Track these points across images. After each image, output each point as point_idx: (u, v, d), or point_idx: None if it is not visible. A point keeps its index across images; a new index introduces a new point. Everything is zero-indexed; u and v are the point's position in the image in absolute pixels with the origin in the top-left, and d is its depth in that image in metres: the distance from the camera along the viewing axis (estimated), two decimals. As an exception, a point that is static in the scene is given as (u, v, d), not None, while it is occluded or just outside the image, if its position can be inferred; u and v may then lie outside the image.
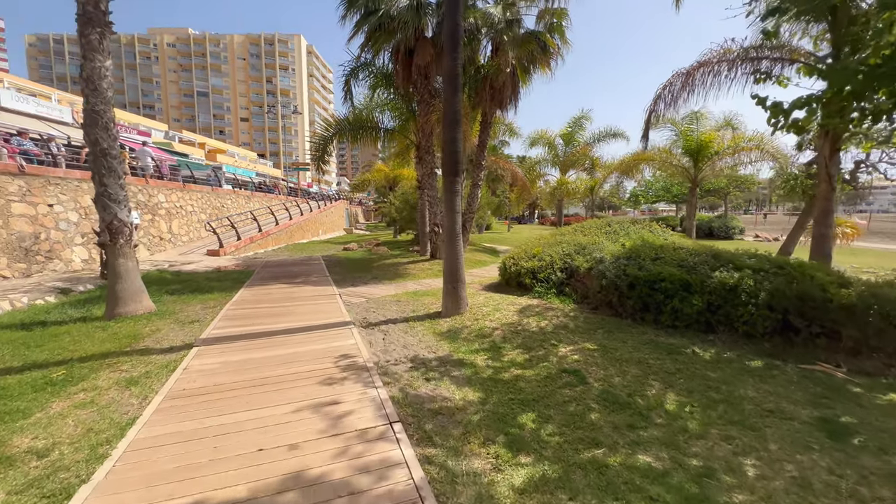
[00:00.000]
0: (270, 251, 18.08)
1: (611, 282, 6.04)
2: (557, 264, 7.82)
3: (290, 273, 11.32)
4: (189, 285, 9.48)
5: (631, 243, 7.35)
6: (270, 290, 8.93)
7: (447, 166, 6.42)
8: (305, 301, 7.72)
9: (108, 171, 6.39)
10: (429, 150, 13.08)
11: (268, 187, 30.46)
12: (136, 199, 13.92)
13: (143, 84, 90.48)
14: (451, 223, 6.50)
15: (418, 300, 7.77)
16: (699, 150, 11.79)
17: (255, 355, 4.83)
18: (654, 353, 4.76)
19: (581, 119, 19.27)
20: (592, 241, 8.67)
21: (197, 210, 17.77)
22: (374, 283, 10.17)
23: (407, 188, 20.42)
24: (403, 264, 13.00)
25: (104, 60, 6.31)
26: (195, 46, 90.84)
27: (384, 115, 14.86)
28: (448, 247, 6.54)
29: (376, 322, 6.36)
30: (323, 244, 22.10)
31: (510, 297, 7.52)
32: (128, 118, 41.95)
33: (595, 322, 5.91)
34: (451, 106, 6.33)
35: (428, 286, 9.64)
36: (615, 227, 9.71)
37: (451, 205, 6.46)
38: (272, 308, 7.15)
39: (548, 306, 6.76)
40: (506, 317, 6.29)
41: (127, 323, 6.23)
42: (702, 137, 11.74)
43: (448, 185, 6.44)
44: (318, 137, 13.72)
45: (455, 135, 6.35)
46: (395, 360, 4.74)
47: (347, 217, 39.97)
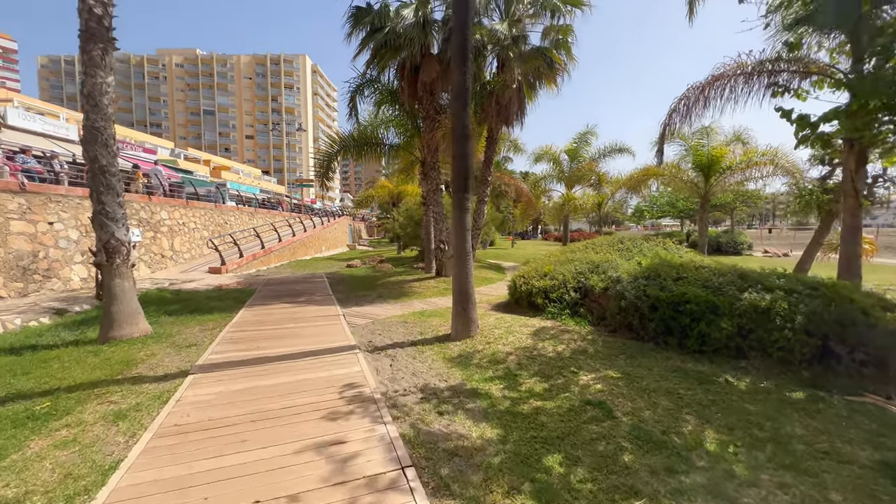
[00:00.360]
0: (273, 268, 17.85)
1: (631, 303, 5.72)
2: (570, 283, 7.50)
3: (293, 292, 11.03)
4: (188, 305, 9.20)
5: (648, 262, 7.04)
6: (272, 310, 8.63)
7: (456, 182, 6.18)
8: (308, 322, 7.41)
9: (107, 189, 6.18)
10: (434, 167, 12.91)
11: (271, 203, 30.43)
12: (138, 216, 13.78)
13: (151, 103, 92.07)
14: (461, 241, 6.22)
15: (426, 321, 7.45)
16: (710, 164, 11.56)
17: (253, 384, 4.50)
18: (684, 382, 4.40)
19: (586, 134, 19.16)
20: (605, 259, 8.36)
21: (200, 227, 17.61)
22: (379, 302, 9.86)
23: (411, 204, 20.26)
24: (408, 282, 12.70)
25: (106, 76, 6.17)
26: (203, 66, 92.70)
27: (388, 131, 14.79)
28: (458, 266, 6.25)
29: (383, 346, 6.03)
30: (326, 261, 21.86)
31: (522, 319, 7.18)
32: (134, 136, 42.42)
33: (615, 346, 5.57)
34: (460, 120, 6.12)
35: (435, 305, 9.32)
36: (627, 245, 9.42)
37: (460, 222, 6.20)
38: (273, 330, 6.83)
39: (563, 328, 6.41)
40: (519, 340, 5.95)
41: (121, 347, 5.93)
42: (713, 152, 11.51)
43: (457, 202, 6.19)
44: (322, 154, 13.60)
45: (465, 150, 6.13)
46: (404, 390, 4.41)
47: (351, 233, 39.88)
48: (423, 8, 10.90)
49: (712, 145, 11.71)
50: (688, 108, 7.04)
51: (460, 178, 6.17)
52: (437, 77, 11.55)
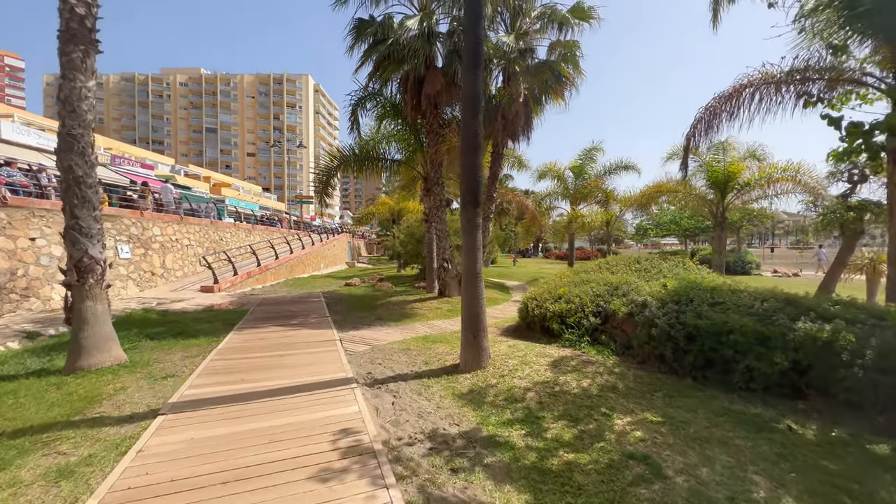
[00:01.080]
0: (269, 286, 17.20)
1: (663, 332, 5.09)
2: (589, 307, 6.87)
3: (287, 313, 10.36)
4: (174, 328, 8.54)
5: (674, 284, 6.44)
6: (263, 334, 7.96)
7: (466, 197, 5.63)
8: (300, 349, 6.74)
9: (82, 202, 5.62)
10: (437, 182, 12.43)
11: (270, 220, 29.93)
12: (128, 232, 13.21)
13: (154, 121, 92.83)
14: (472, 262, 5.63)
15: (430, 349, 6.78)
16: (726, 181, 11.08)
17: (232, 429, 3.83)
18: (739, 429, 3.74)
19: (592, 151, 18.79)
20: (623, 280, 7.75)
21: (194, 244, 17.02)
22: (379, 325, 9.19)
23: (412, 221, 19.75)
24: (410, 303, 12.05)
25: (86, 81, 5.68)
26: (206, 85, 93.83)
27: (390, 146, 14.36)
28: (467, 289, 5.63)
29: (383, 378, 5.36)
30: (324, 279, 21.21)
31: (537, 347, 6.53)
32: (135, 152, 42.27)
33: (647, 382, 4.91)
34: (470, 130, 5.61)
35: (439, 329, 8.66)
36: (645, 265, 8.82)
37: (471, 241, 5.62)
38: (261, 359, 6.16)
39: (585, 359, 5.76)
40: (537, 373, 5.29)
41: (88, 379, 5.25)
42: (729, 168, 11.05)
43: (467, 219, 5.62)
44: (322, 169, 13.13)
45: (475, 162, 5.60)
46: (409, 438, 3.74)
47: (350, 250, 39.32)
48: (428, 20, 10.58)
49: (728, 161, 11.27)
50: (713, 118, 6.55)
51: (470, 193, 5.62)
52: (442, 90, 11.16)
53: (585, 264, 10.08)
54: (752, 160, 11.65)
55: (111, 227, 12.46)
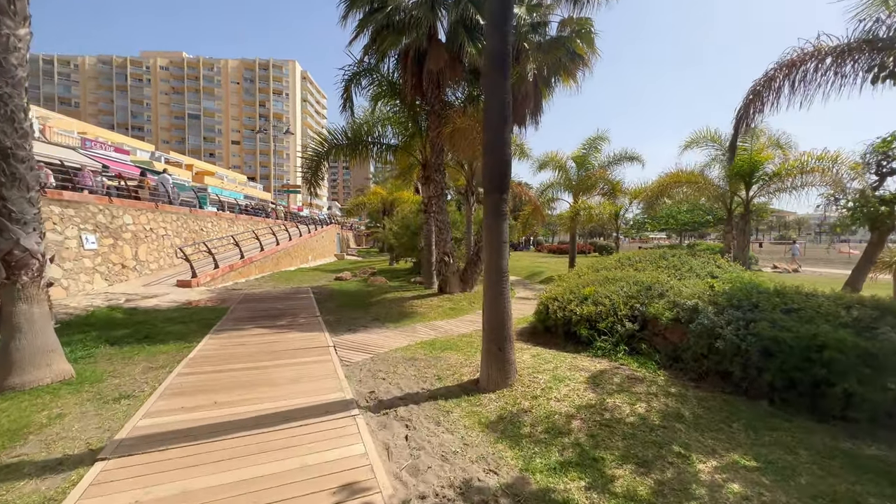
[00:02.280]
0: (253, 280, 16.04)
1: (731, 345, 4.22)
2: (622, 311, 5.99)
3: (272, 312, 9.30)
4: (141, 329, 7.44)
5: (726, 285, 5.59)
6: (244, 338, 6.92)
7: (492, 181, 4.65)
8: (288, 359, 5.72)
9: (11, 180, 4.48)
10: (438, 169, 11.40)
11: (255, 210, 28.53)
12: (94, 220, 11.91)
13: (134, 106, 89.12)
14: (496, 257, 4.67)
15: (440, 358, 5.83)
16: (752, 170, 10.29)
17: (195, 483, 2.84)
18: (866, 481, 2.88)
19: (596, 140, 17.89)
20: (654, 279, 6.90)
21: (171, 234, 15.72)
22: (377, 327, 8.22)
23: (407, 212, 18.70)
24: (408, 300, 11.08)
25: (16, 28, 4.52)
26: (188, 70, 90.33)
27: (385, 130, 13.26)
28: (492, 291, 4.68)
29: (390, 400, 4.40)
30: (312, 272, 20.09)
31: (566, 357, 5.62)
32: (112, 137, 40.08)
33: (716, 407, 4.03)
34: (497, 97, 4.62)
35: (444, 332, 7.72)
36: (673, 261, 7.98)
37: (495, 232, 4.65)
38: (241, 372, 5.14)
39: (629, 374, 4.86)
40: (576, 392, 4.39)
41: (17, 403, 4.18)
42: (755, 157, 10.24)
43: (492, 206, 4.65)
44: (311, 155, 11.99)
45: (502, 137, 4.62)
46: (435, 497, 2.79)
47: (339, 242, 38.06)
48: (432, -15, 9.50)
49: (756, 148, 10.46)
50: (772, 92, 5.66)
51: (496, 175, 4.64)
52: (445, 66, 10.10)
53: (604, 260, 9.20)
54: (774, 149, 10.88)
55: (75, 215, 11.17)
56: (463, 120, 9.98)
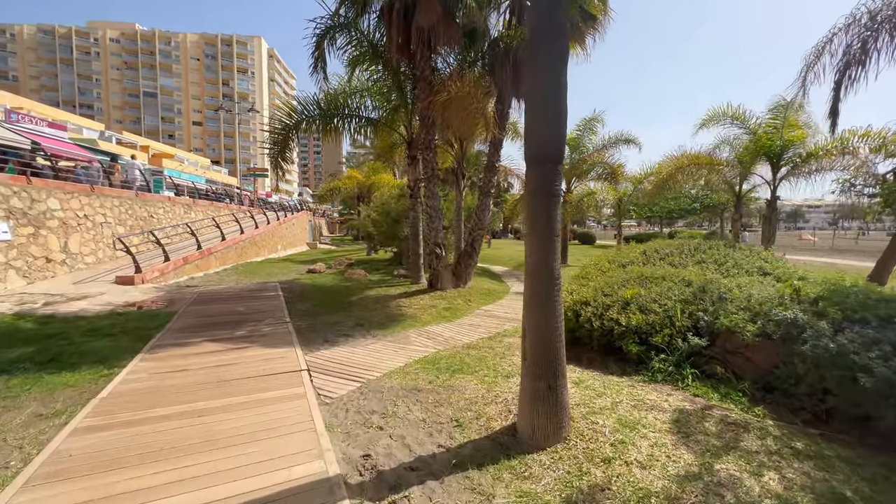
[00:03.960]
0: (213, 274, 14.10)
1: (885, 381, 2.98)
2: (680, 320, 4.73)
3: (230, 316, 7.63)
4: (49, 347, 5.68)
5: (815, 287, 4.40)
6: (187, 358, 5.28)
7: (543, 147, 3.21)
8: (244, 394, 4.16)
9: None
10: (429, 146, 9.83)
11: (217, 195, 26.06)
12: (7, 204, 9.75)
13: (81, 81, 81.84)
14: (546, 255, 3.24)
15: (451, 387, 4.41)
16: (782, 151, 9.25)
17: None
18: None
19: (592, 121, 16.66)
20: (703, 278, 5.69)
21: (112, 221, 13.51)
22: (361, 335, 6.71)
23: (387, 197, 17.02)
24: (394, 298, 9.58)
25: None
26: (143, 43, 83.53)
27: (364, 103, 11.51)
28: (539, 306, 3.27)
29: (394, 472, 2.95)
30: (282, 263, 18.21)
31: (618, 383, 4.32)
32: (54, 114, 35.86)
33: (881, 476, 2.80)
34: (550, 27, 3.14)
35: (446, 342, 6.31)
36: (713, 255, 6.81)
37: (545, 219, 3.22)
38: (171, 424, 3.55)
39: (723, 416, 3.57)
40: (663, 451, 3.07)
41: None
42: (787, 136, 9.20)
43: (542, 182, 3.21)
44: (279, 127, 10.16)
45: (559, 81, 3.16)
46: None
47: (311, 230, 35.81)
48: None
49: (788, 126, 9.38)
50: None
51: (551, 140, 3.20)
52: (438, 22, 8.46)
53: (626, 252, 7.96)
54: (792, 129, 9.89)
55: (-23, 198, 9.02)
56: (460, 86, 8.44)
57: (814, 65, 5.92)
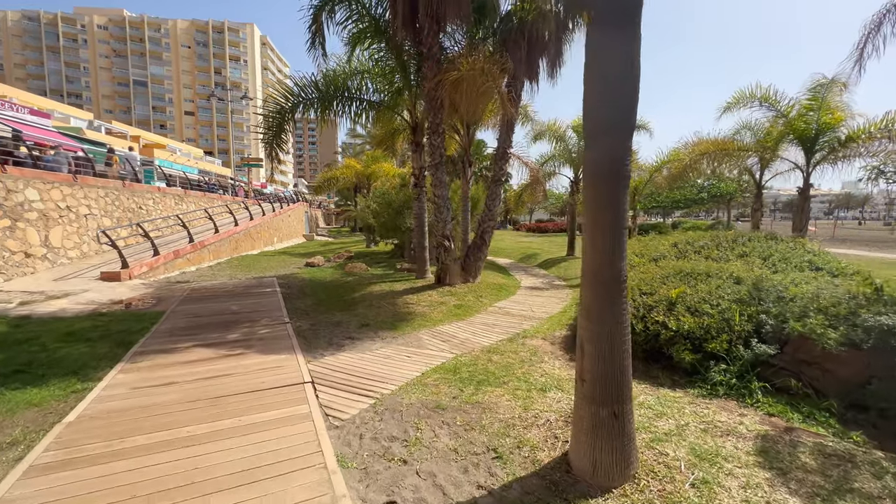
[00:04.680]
0: (206, 268, 13.40)
1: None
2: (738, 324, 4.14)
3: (224, 316, 6.99)
4: (20, 354, 5.04)
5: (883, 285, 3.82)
6: (174, 368, 4.64)
7: (611, 112, 2.57)
8: (237, 415, 3.54)
9: None
10: (436, 131, 9.12)
11: (210, 185, 25.22)
12: (-21, 195, 9.01)
13: (69, 69, 79.66)
14: (611, 253, 2.62)
15: (480, 404, 3.80)
16: (818, 136, 8.59)
17: None
18: None
19: (601, 107, 15.97)
20: (752, 274, 5.10)
21: (98, 213, 12.76)
22: (368, 338, 6.10)
23: (388, 187, 16.30)
24: (399, 294, 8.96)
25: None
26: (131, 30, 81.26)
27: (364, 84, 10.74)
28: (602, 314, 2.65)
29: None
30: (279, 256, 17.52)
31: (677, 399, 3.73)
32: (38, 102, 34.57)
33: None
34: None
35: (463, 345, 5.70)
36: (755, 247, 6.22)
37: (612, 207, 2.59)
38: (149, 460, 2.93)
39: (820, 445, 2.97)
40: (761, 496, 2.48)
41: None
42: (824, 119, 8.52)
43: (607, 161, 2.58)
44: (273, 109, 9.42)
45: (634, 16, 2.51)
46: None
47: (307, 222, 35.01)
48: None
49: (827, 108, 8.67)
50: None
51: (619, 103, 2.56)
52: (449, -7, 7.74)
53: (654, 244, 7.35)
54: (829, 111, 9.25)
55: (-55, 188, 8.27)
56: (472, 63, 7.72)
57: (874, 34, 5.28)
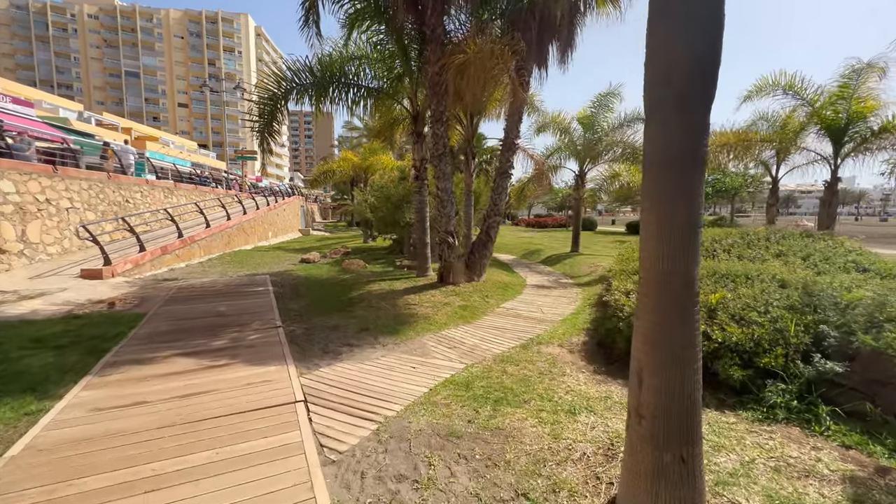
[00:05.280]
0: (196, 264, 12.78)
1: None
2: (794, 335, 3.62)
3: (211, 318, 6.42)
4: (-27, 367, 4.44)
5: None
6: (149, 382, 4.07)
7: (687, 76, 2.00)
8: (216, 445, 2.99)
9: None
10: (440, 119, 8.52)
11: (202, 178, 24.49)
12: (-53, 187, 8.36)
13: (59, 60, 77.95)
14: (684, 252, 2.07)
15: (501, 431, 3.27)
16: (847, 126, 8.07)
17: None
18: None
19: (608, 97, 15.36)
20: (795, 275, 4.59)
21: (80, 206, 12.10)
22: (368, 344, 5.55)
23: (386, 180, 15.69)
24: (400, 294, 8.41)
25: None
26: (123, 20, 79.52)
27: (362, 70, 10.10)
28: (672, 331, 2.11)
29: None
30: (273, 252, 16.90)
31: (727, 423, 3.20)
32: (32, 95, 33.44)
33: None
34: None
35: (472, 352, 5.16)
36: (790, 245, 5.69)
37: (685, 200, 2.05)
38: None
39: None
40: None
41: None
42: (856, 108, 7.98)
43: (681, 141, 2.02)
44: (266, 94, 8.79)
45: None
46: None
47: (303, 216, 34.30)
48: None
49: (858, 97, 8.15)
50: None
51: (698, 65, 1.99)
52: (454, -31, 7.13)
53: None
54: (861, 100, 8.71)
55: None
56: (480, 45, 7.11)
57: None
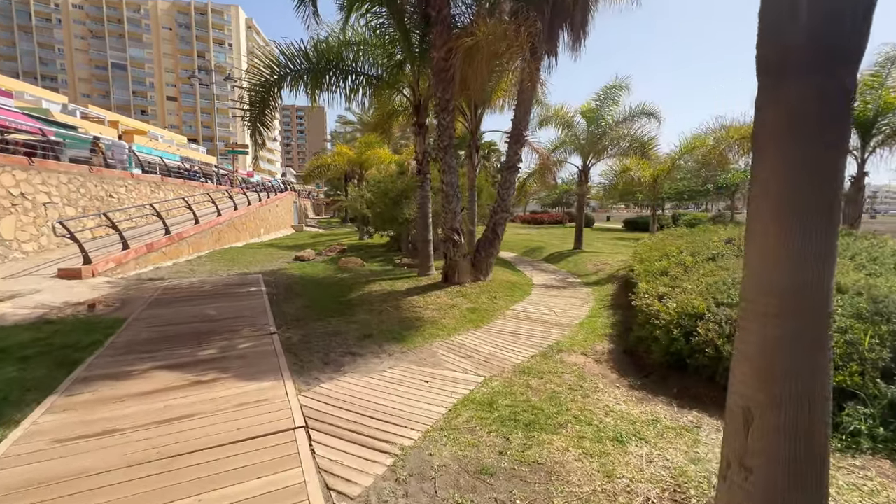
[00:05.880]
0: (184, 262, 12.13)
1: None
2: (871, 350, 3.16)
3: (197, 325, 5.84)
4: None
5: None
6: (122, 403, 3.52)
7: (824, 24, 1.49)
8: (201, 489, 2.45)
9: None
10: (445, 108, 7.97)
11: (190, 173, 23.69)
12: None
13: (42, 51, 75.80)
14: (818, 261, 1.58)
15: (537, 460, 2.78)
16: (875, 119, 7.67)
17: None
18: None
19: (613, 90, 14.89)
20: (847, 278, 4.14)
21: (59, 202, 11.39)
22: (372, 353, 5.02)
23: (384, 174, 15.11)
24: (403, 295, 7.88)
25: None
26: (109, 10, 77.46)
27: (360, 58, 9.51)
28: (796, 361, 1.61)
29: None
30: (266, 249, 16.26)
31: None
32: (14, 87, 32.16)
33: None
34: None
35: (488, 363, 4.66)
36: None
37: (821, 190, 1.56)
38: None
39: None
40: None
41: None
42: (887, 98, 7.56)
43: (815, 111, 1.53)
44: (258, 81, 8.17)
45: None
46: None
47: (296, 212, 33.56)
48: None
49: (889, 86, 7.75)
50: None
51: (839, 25, 1.47)
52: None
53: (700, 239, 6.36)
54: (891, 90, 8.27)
55: None
56: (492, 28, 6.56)
57: None
